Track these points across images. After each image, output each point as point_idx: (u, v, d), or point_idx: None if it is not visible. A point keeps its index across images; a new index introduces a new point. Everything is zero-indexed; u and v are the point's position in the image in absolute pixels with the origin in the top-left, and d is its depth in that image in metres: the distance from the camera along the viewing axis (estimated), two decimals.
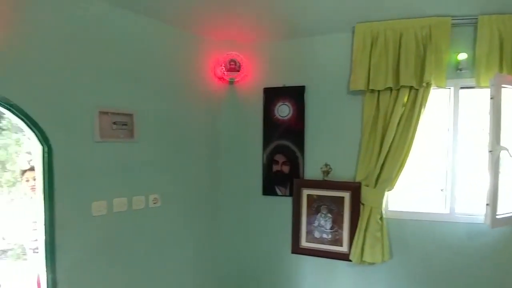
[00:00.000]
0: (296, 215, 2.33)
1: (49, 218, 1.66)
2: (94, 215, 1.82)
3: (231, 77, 2.31)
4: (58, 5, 1.64)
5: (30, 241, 2.30)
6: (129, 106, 1.93)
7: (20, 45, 1.53)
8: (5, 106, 1.50)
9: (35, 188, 2.26)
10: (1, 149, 8.14)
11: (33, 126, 1.58)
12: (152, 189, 2.09)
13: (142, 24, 1.99)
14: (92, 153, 1.79)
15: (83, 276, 1.78)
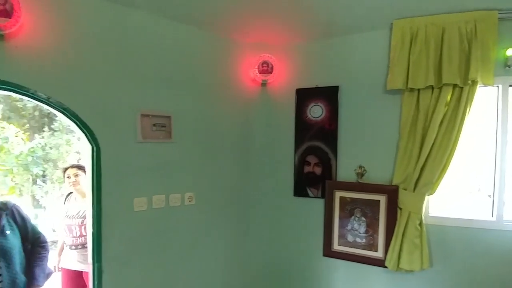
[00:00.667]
0: (328, 217, 2.30)
1: (96, 212, 1.81)
2: (135, 210, 1.95)
3: (264, 79, 2.34)
4: (103, 16, 1.79)
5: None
6: (167, 109, 2.05)
7: (72, 54, 1.69)
8: (59, 109, 1.67)
9: (76, 184, 2.49)
10: (53, 148, 8.95)
11: (83, 128, 1.73)
12: (188, 187, 2.19)
13: (179, 31, 2.09)
14: (134, 152, 1.92)
15: (124, 266, 1.92)
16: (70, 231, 2.44)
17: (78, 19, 1.70)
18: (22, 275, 1.82)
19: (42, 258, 1.98)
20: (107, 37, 1.80)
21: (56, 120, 8.47)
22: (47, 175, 8.49)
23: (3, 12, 1.40)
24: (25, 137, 8.55)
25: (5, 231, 1.78)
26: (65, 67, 1.67)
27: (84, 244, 2.43)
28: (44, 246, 2.01)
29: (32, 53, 1.57)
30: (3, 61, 1.49)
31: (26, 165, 8.00)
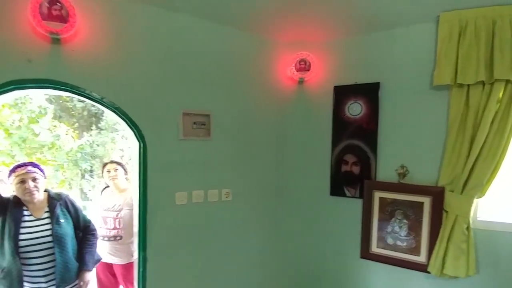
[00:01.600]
0: (366, 218, 2.24)
1: (143, 205, 1.94)
2: (177, 204, 2.05)
3: (301, 77, 2.33)
4: (150, 21, 1.90)
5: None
6: (206, 107, 2.12)
7: (122, 57, 1.82)
8: (111, 108, 1.80)
9: (114, 178, 2.64)
10: (100, 146, 9.61)
11: (132, 126, 1.86)
12: (225, 184, 2.25)
13: (218, 32, 2.15)
14: (176, 149, 2.02)
15: (166, 255, 2.04)
16: (104, 223, 2.58)
17: (127, 24, 1.82)
18: (74, 260, 1.97)
19: (92, 245, 2.11)
20: (153, 40, 1.91)
21: (102, 119, 9.12)
22: (94, 170, 9.16)
23: (60, 18, 1.53)
24: (75, 135, 9.29)
25: (59, 220, 1.93)
26: (116, 69, 1.80)
27: (116, 236, 2.56)
28: (94, 234, 2.15)
29: (87, 56, 1.71)
30: (61, 63, 1.65)
31: (76, 161, 8.70)
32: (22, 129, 7.31)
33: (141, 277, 1.98)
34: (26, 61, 1.55)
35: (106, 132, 9.05)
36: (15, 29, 1.53)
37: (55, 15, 1.50)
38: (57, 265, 1.85)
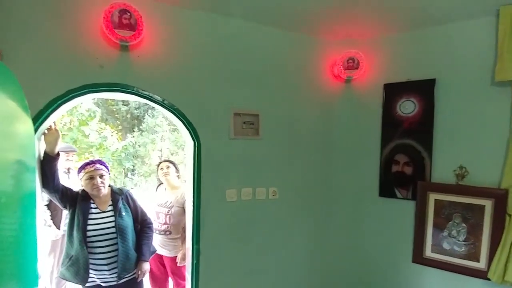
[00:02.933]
0: (419, 221, 2.15)
1: (196, 201, 2.03)
2: (227, 200, 2.13)
3: (349, 75, 2.30)
4: (205, 26, 1.99)
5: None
6: (256, 107, 2.18)
7: (180, 61, 1.93)
8: (170, 109, 1.92)
9: (167, 174, 2.79)
10: (141, 146, 10.15)
11: (188, 125, 1.96)
12: (272, 182, 2.28)
13: (268, 34, 2.20)
14: (227, 148, 2.09)
15: (218, 249, 2.12)
16: (157, 217, 2.75)
17: (185, 30, 1.93)
18: (133, 250, 2.12)
19: (148, 237, 2.25)
20: (208, 44, 2.01)
21: (143, 122, 9.70)
22: (135, 169, 9.72)
23: (129, 26, 1.67)
24: (118, 136, 9.94)
25: (121, 213, 2.09)
26: (175, 73, 1.92)
27: (166, 231, 2.72)
28: (150, 227, 2.29)
29: (150, 61, 1.84)
30: (128, 68, 1.79)
31: (120, 160, 9.30)
32: (73, 131, 7.95)
33: (194, 268, 2.07)
34: (98, 66, 1.70)
35: (147, 133, 9.59)
36: (89, 37, 1.69)
37: (125, 24, 1.64)
38: (119, 254, 2.00)
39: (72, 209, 1.99)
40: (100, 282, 2.02)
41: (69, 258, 1.96)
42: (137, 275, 2.14)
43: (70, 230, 1.98)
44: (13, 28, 1.54)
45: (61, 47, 1.64)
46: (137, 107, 9.73)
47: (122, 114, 9.84)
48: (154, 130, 9.61)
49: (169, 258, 2.78)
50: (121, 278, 2.03)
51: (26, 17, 1.57)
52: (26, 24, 1.57)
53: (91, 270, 1.96)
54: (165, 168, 2.79)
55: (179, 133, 9.96)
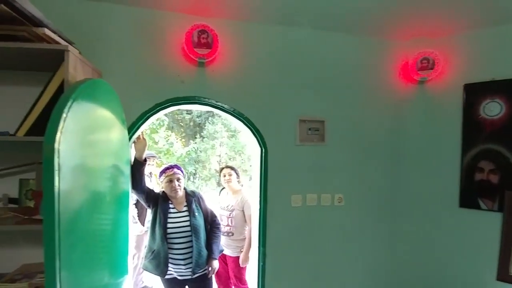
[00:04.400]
0: (507, 235, 1.91)
1: (263, 205, 2.12)
2: (292, 205, 2.17)
3: (423, 77, 2.16)
4: (273, 37, 2.09)
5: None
6: (321, 114, 2.19)
7: (248, 73, 2.05)
8: (239, 118, 2.05)
9: (229, 181, 2.93)
10: (202, 152, 10.78)
11: (256, 133, 2.07)
12: (338, 189, 2.26)
13: (334, 39, 2.21)
14: (292, 154, 2.15)
15: (283, 252, 2.17)
16: (221, 219, 2.90)
17: (254, 43, 2.06)
18: (205, 248, 2.28)
19: (217, 237, 2.40)
20: (275, 54, 2.10)
21: (204, 129, 10.37)
22: (197, 173, 10.38)
23: (206, 44, 1.85)
24: (182, 142, 10.74)
25: (195, 213, 2.27)
26: (244, 83, 2.05)
27: (228, 232, 2.86)
28: (219, 227, 2.43)
29: (222, 75, 2.00)
30: (204, 82, 1.97)
31: (183, 165, 10.03)
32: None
33: (260, 270, 2.15)
34: (180, 82, 1.92)
35: (207, 140, 10.20)
36: (171, 57, 1.91)
37: (203, 43, 1.82)
38: (193, 251, 2.17)
39: (154, 208, 2.23)
40: (177, 275, 2.22)
41: (151, 252, 2.19)
42: (208, 272, 2.29)
43: (152, 227, 2.21)
44: (110, 52, 1.83)
45: (149, 67, 1.89)
46: (199, 115, 10.41)
47: (186, 122, 10.62)
48: (213, 137, 10.16)
49: (231, 258, 2.93)
50: (195, 273, 2.20)
51: (121, 43, 1.85)
52: (121, 49, 1.85)
53: (169, 264, 2.16)
54: (227, 175, 2.95)
55: (237, 139, 10.37)
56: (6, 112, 1.58)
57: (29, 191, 1.64)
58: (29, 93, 1.52)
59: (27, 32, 1.28)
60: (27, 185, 1.65)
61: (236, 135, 10.24)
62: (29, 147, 1.62)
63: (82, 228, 1.19)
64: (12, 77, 1.63)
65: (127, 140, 1.78)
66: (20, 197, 1.65)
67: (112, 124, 1.52)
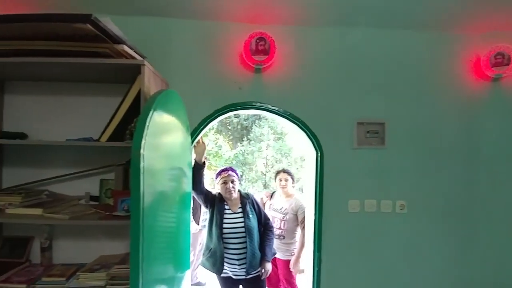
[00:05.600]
0: None
1: (318, 209, 2.09)
2: (349, 211, 2.11)
3: (498, 73, 1.96)
4: (329, 39, 2.07)
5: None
6: (380, 116, 2.10)
7: (303, 76, 2.06)
8: (294, 122, 2.06)
9: (285, 187, 2.91)
10: (249, 154, 10.97)
11: (311, 136, 2.06)
12: (400, 195, 2.14)
13: (394, 37, 2.10)
14: (349, 158, 2.09)
15: (339, 258, 2.12)
16: (273, 222, 2.90)
17: (309, 47, 2.06)
18: (258, 250, 2.31)
19: (270, 239, 2.42)
20: (331, 56, 2.08)
21: (251, 132, 10.54)
22: (244, 175, 10.59)
23: (263, 51, 1.90)
24: (229, 145, 11.06)
25: (249, 215, 2.32)
26: (299, 87, 2.06)
27: (280, 235, 2.84)
28: (272, 230, 2.46)
29: (278, 80, 2.04)
30: (261, 88, 2.02)
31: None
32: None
33: (315, 275, 2.13)
34: (237, 88, 2.00)
35: (254, 142, 10.35)
36: (230, 65, 2.00)
37: (261, 49, 1.88)
38: (247, 252, 2.23)
39: (211, 209, 2.34)
40: (232, 274, 2.29)
41: (208, 250, 2.30)
42: (261, 273, 2.32)
43: (210, 226, 2.32)
44: (175, 63, 1.98)
45: (209, 76, 2.00)
46: (246, 119, 10.63)
47: (234, 125, 10.91)
48: (260, 139, 10.29)
49: (282, 260, 2.93)
50: (248, 274, 2.25)
51: (185, 54, 1.99)
52: (184, 60, 1.99)
53: (224, 263, 2.24)
54: (284, 180, 2.95)
55: (284, 141, 10.35)
56: (89, 120, 1.81)
57: (108, 190, 1.84)
58: (107, 103, 1.72)
59: (109, 49, 1.45)
60: (106, 185, 1.85)
61: (282, 137, 10.22)
62: (109, 151, 1.82)
63: (156, 225, 1.31)
64: (93, 89, 1.85)
65: (189, 144, 1.90)
66: (100, 195, 1.86)
67: (179, 129, 1.64)
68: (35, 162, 1.85)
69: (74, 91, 1.85)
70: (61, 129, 1.82)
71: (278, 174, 3.05)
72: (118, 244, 1.88)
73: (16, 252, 1.81)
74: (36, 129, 1.82)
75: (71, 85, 1.85)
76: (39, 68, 1.56)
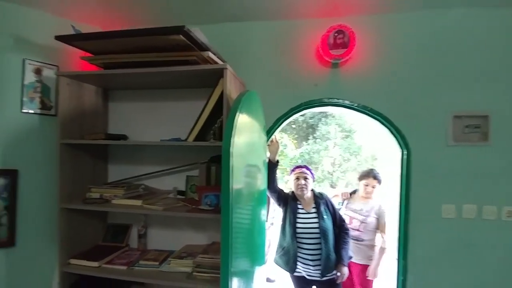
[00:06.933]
0: None
1: (404, 214, 1.91)
2: (443, 217, 1.87)
3: None
4: (415, 27, 1.87)
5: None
6: (483, 107, 1.81)
7: (387, 68, 1.89)
8: (376, 117, 1.91)
9: (370, 193, 2.69)
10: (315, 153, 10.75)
11: (396, 133, 1.89)
12: (507, 200, 1.82)
13: (498, 16, 1.80)
14: (444, 156, 1.86)
15: (429, 269, 1.90)
16: (349, 223, 2.68)
17: (392, 36, 1.89)
18: (334, 253, 2.22)
19: (346, 242, 2.29)
20: (418, 44, 1.88)
21: (317, 130, 10.31)
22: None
23: (342, 44, 1.81)
24: (294, 144, 10.99)
25: (323, 216, 2.24)
26: (381, 80, 1.90)
27: (357, 238, 2.63)
28: (348, 233, 2.33)
29: (357, 74, 1.92)
30: (338, 83, 1.93)
31: None
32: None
33: (400, 285, 1.95)
34: (313, 85, 1.95)
35: (320, 141, 10.09)
36: (305, 62, 1.97)
37: (339, 43, 1.80)
38: (322, 254, 2.15)
39: (284, 208, 2.34)
40: (305, 274, 2.24)
41: (281, 248, 2.29)
42: (336, 277, 2.23)
43: (283, 224, 2.32)
44: (252, 64, 2.02)
45: (284, 74, 1.99)
46: (312, 117, 10.43)
47: (299, 124, 10.81)
48: (326, 138, 9.97)
49: (358, 265, 2.73)
50: (323, 276, 2.18)
51: (260, 55, 2.03)
52: (260, 60, 2.02)
53: (298, 263, 2.21)
54: (370, 187, 2.71)
55: (352, 139, 9.85)
56: (177, 122, 1.98)
57: (193, 186, 1.99)
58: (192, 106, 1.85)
59: (196, 56, 1.56)
60: (192, 181, 2.00)
61: (351, 135, 9.73)
62: (194, 150, 1.97)
63: (240, 220, 1.35)
64: (180, 94, 2.02)
65: (264, 143, 1.93)
66: (186, 190, 2.02)
67: (257, 128, 1.68)
68: (133, 160, 2.11)
69: (164, 97, 2.05)
70: (154, 130, 2.04)
71: (365, 178, 2.78)
72: (201, 235, 2.02)
73: (118, 238, 2.09)
74: (134, 131, 2.07)
75: (162, 92, 2.05)
76: (138, 78, 1.76)
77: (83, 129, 1.90)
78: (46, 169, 1.89)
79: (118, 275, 1.70)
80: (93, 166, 2.02)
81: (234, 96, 1.60)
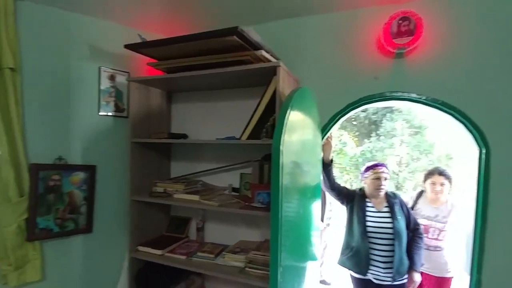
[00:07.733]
0: None
1: (481, 220, 1.65)
2: None
3: None
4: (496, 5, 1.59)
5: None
6: None
7: (460, 56, 1.65)
8: (448, 111, 1.68)
9: (440, 193, 2.39)
10: (378, 151, 10.05)
11: (472, 128, 1.64)
12: None
13: None
14: None
15: (507, 285, 1.63)
16: (426, 232, 2.40)
17: (468, 18, 1.64)
18: (406, 257, 2.05)
19: (419, 247, 2.10)
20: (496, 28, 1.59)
21: (381, 127, 9.58)
22: None
23: (407, 32, 1.63)
24: (355, 142, 10.40)
25: (397, 216, 2.07)
26: (454, 70, 1.67)
27: (436, 247, 2.35)
28: (422, 237, 2.13)
29: (424, 63, 1.71)
30: (401, 75, 1.75)
31: (356, 165, 9.68)
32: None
33: None
34: (372, 78, 1.81)
35: (384, 138, 9.36)
36: (364, 54, 1.83)
37: (404, 31, 1.63)
38: (395, 256, 2.00)
39: (350, 205, 2.23)
40: (372, 278, 2.10)
41: (349, 248, 2.18)
42: (408, 284, 2.07)
43: (349, 223, 2.21)
44: (307, 60, 1.96)
45: (341, 68, 1.89)
46: (375, 112, 9.75)
47: (360, 120, 10.21)
48: (391, 135, 9.22)
49: (431, 276, 2.42)
50: (394, 280, 2.03)
51: (315, 50, 1.95)
52: (314, 55, 1.95)
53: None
54: (439, 186, 2.42)
55: (423, 136, 8.91)
56: (231, 121, 2.04)
57: (247, 183, 2.03)
58: (245, 105, 1.89)
59: (250, 56, 1.58)
60: (245, 178, 2.05)
61: (421, 132, 8.81)
62: (247, 148, 2.01)
63: (291, 218, 1.33)
64: (234, 94, 2.07)
65: (319, 141, 1.86)
66: (240, 187, 2.07)
67: (311, 126, 1.63)
68: (192, 157, 2.25)
69: (220, 97, 2.13)
70: (211, 129, 2.13)
71: (431, 176, 2.50)
72: (254, 231, 2.05)
73: (179, 229, 2.25)
74: (193, 130, 2.20)
75: (218, 92, 2.14)
76: (196, 80, 1.86)
77: (150, 129, 2.09)
78: (119, 165, 2.12)
79: (178, 264, 1.83)
80: (158, 162, 2.20)
81: (287, 94, 1.58)
